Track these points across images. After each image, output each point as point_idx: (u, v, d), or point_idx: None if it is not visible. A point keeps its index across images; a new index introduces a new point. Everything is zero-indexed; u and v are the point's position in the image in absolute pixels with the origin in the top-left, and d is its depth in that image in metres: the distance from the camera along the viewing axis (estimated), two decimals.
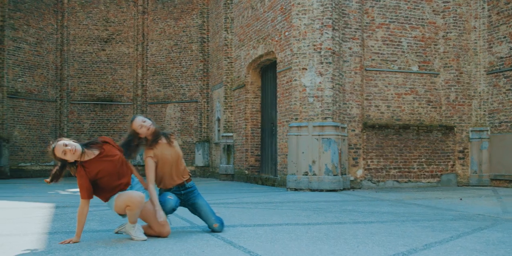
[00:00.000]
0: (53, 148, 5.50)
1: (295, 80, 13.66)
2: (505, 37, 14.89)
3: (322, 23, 13.44)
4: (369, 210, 8.79)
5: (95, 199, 6.08)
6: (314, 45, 13.47)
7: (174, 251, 5.03)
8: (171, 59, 23.89)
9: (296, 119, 13.64)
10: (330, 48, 13.40)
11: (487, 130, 15.27)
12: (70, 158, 5.53)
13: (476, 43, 15.55)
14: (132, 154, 6.20)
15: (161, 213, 5.85)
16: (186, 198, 6.39)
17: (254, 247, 5.22)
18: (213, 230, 6.26)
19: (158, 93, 24.11)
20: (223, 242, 5.52)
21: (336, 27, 13.65)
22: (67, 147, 5.48)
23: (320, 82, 13.34)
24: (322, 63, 13.38)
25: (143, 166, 6.21)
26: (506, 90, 14.81)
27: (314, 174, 13.12)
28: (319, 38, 13.44)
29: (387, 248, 5.18)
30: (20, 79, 22.37)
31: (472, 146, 15.38)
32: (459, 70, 15.26)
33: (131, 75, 24.61)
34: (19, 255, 4.84)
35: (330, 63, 13.36)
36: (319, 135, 13.16)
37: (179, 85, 23.55)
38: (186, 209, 6.77)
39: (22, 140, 22.36)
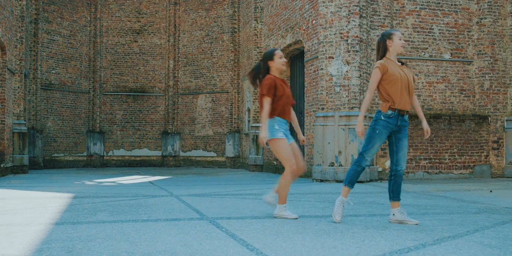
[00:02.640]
0: (274, 50, 6.65)
1: (322, 69, 13.35)
2: None
3: (349, 11, 13.10)
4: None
5: (111, 189, 5.91)
6: (341, 33, 13.14)
7: (171, 243, 4.84)
8: (202, 50, 23.73)
9: (323, 109, 13.35)
10: (357, 36, 13.05)
11: None
12: (281, 66, 6.63)
13: None
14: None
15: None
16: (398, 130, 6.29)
17: (255, 240, 4.99)
18: (395, 174, 6.29)
19: (189, 84, 23.98)
20: (225, 234, 5.30)
21: (364, 15, 13.29)
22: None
23: (347, 71, 13.01)
24: (349, 51, 13.05)
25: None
26: None
27: (340, 165, 12.82)
28: (346, 26, 13.10)
29: (394, 242, 4.90)
30: (53, 71, 22.46)
31: (507, 136, 14.87)
32: (494, 57, 14.75)
33: (163, 66, 24.53)
34: (17, 245, 4.68)
35: (357, 51, 13.02)
36: (345, 125, 12.84)
37: (210, 75, 23.38)
38: (193, 199, 6.57)
39: (56, 131, 22.48)
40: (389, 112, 6.12)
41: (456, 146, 14.45)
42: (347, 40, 13.09)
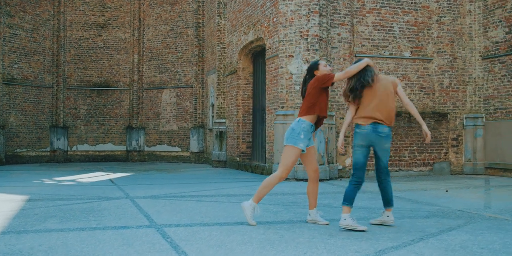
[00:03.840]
0: (318, 61, 6.96)
1: (282, 67, 13.36)
2: (500, 21, 14.49)
3: (309, 9, 13.09)
4: None
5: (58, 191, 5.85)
6: (301, 32, 13.14)
7: (112, 255, 4.80)
8: (167, 44, 23.59)
9: (283, 107, 13.36)
10: (317, 35, 13.06)
11: (482, 117, 14.93)
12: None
13: (471, 27, 15.16)
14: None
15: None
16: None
17: (197, 252, 4.98)
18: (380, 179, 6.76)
19: (154, 79, 23.84)
20: (169, 246, 5.28)
21: (324, 13, 13.30)
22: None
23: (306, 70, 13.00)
24: (308, 50, 13.06)
25: None
26: (502, 75, 14.44)
27: (300, 164, 12.84)
28: (306, 25, 13.10)
29: (335, 255, 4.91)
30: (16, 66, 22.14)
31: (466, 133, 15.05)
32: (453, 55, 14.88)
33: (128, 61, 24.34)
34: None
35: (317, 50, 13.03)
36: None
37: (175, 70, 23.26)
38: (148, 201, 6.53)
39: (18, 126, 22.19)
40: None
41: (416, 144, 14.57)
42: (307, 39, 13.09)
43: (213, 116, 19.99)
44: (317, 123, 6.77)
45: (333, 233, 5.98)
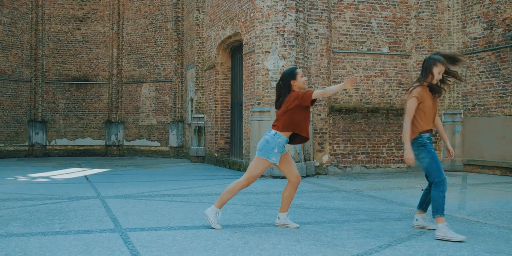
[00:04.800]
0: (296, 70, 6.63)
1: (258, 63, 13.23)
2: (478, 17, 14.41)
3: (285, 5, 12.96)
4: (317, 206, 8.43)
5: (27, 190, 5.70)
6: (277, 28, 13.00)
7: None
8: (146, 38, 23.37)
9: (259, 103, 13.23)
10: (293, 31, 12.94)
11: (460, 113, 14.88)
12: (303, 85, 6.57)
13: (449, 23, 15.09)
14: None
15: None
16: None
17: None
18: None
19: (133, 73, 23.63)
20: (129, 253, 5.15)
21: (301, 9, 13.17)
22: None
23: (283, 66, 12.90)
24: (285, 46, 12.93)
25: None
26: (480, 72, 14.38)
27: None
28: (282, 20, 12.97)
29: None
30: None
31: (445, 130, 14.96)
32: (431, 51, 14.78)
33: (107, 54, 24.10)
34: None
35: (293, 46, 12.91)
36: None
37: (154, 64, 23.06)
38: (118, 201, 6.40)
39: None
40: (427, 134, 6.31)
41: (394, 140, 14.50)
42: (283, 35, 12.96)
43: (192, 111, 19.83)
44: (294, 137, 6.60)
45: (300, 238, 5.86)
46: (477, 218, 7.37)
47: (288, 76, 6.56)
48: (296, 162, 12.64)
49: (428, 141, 6.25)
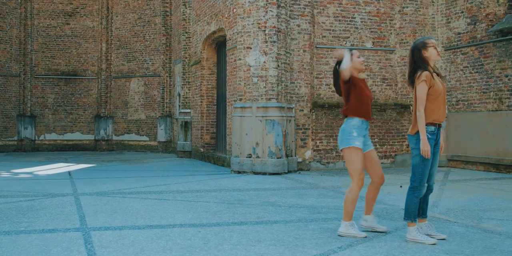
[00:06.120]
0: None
1: (240, 59, 13.19)
2: (462, 12, 14.37)
3: (267, 1, 12.90)
4: (290, 203, 8.41)
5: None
6: (259, 24, 12.96)
7: None
8: (135, 33, 23.30)
9: (241, 99, 13.21)
10: (274, 26, 12.89)
11: None
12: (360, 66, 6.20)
13: (433, 18, 15.04)
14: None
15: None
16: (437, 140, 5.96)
17: None
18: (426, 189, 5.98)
19: (122, 67, 23.57)
20: (86, 253, 5.13)
21: (282, 4, 13.12)
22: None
23: (264, 62, 12.87)
24: (266, 42, 12.89)
25: None
26: (464, 67, 14.35)
27: (258, 157, 12.73)
28: (264, 16, 12.92)
29: None
30: None
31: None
32: None
33: (96, 49, 24.04)
34: None
35: (274, 42, 12.87)
36: (262, 116, 12.73)
37: (143, 59, 23.01)
38: (92, 199, 6.37)
39: None
40: (432, 128, 5.82)
41: (378, 136, 14.48)
42: (264, 31, 12.92)
43: (179, 106, 19.79)
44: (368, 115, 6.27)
45: (262, 239, 5.84)
46: (448, 216, 7.34)
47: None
48: (277, 158, 12.63)
49: (430, 136, 5.77)
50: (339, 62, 6.20)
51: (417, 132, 5.81)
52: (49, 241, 5.66)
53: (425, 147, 5.69)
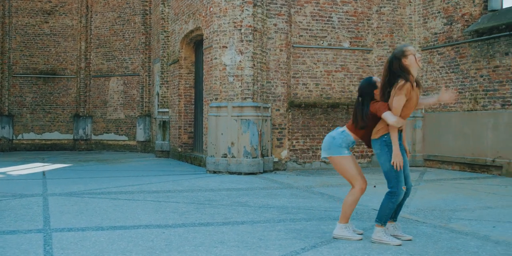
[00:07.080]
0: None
1: (216, 58, 13.12)
2: (439, 12, 14.38)
3: (243, 0, 12.83)
4: (260, 204, 8.35)
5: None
6: (235, 23, 12.89)
7: None
8: (115, 32, 23.15)
9: (217, 99, 13.14)
10: (250, 26, 12.83)
11: (421, 109, 14.84)
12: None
13: (411, 18, 15.04)
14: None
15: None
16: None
17: None
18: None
19: (101, 66, 23.41)
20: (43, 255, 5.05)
21: (259, 3, 13.05)
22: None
23: (240, 61, 12.80)
24: (242, 41, 12.82)
25: None
26: (440, 67, 14.35)
27: (233, 157, 12.67)
28: (240, 15, 12.85)
29: None
30: None
31: (406, 125, 14.91)
32: (393, 46, 14.72)
33: (75, 48, 23.85)
34: None
35: (250, 41, 12.80)
36: (238, 116, 12.66)
37: (122, 58, 22.87)
38: (61, 199, 6.27)
39: None
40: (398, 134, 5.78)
41: None
42: (240, 30, 12.85)
43: (158, 105, 19.70)
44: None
45: (226, 240, 5.77)
46: (418, 217, 7.32)
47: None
48: (252, 158, 12.57)
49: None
50: (364, 92, 5.97)
51: (381, 136, 5.75)
52: (7, 243, 5.56)
53: (397, 158, 5.61)
